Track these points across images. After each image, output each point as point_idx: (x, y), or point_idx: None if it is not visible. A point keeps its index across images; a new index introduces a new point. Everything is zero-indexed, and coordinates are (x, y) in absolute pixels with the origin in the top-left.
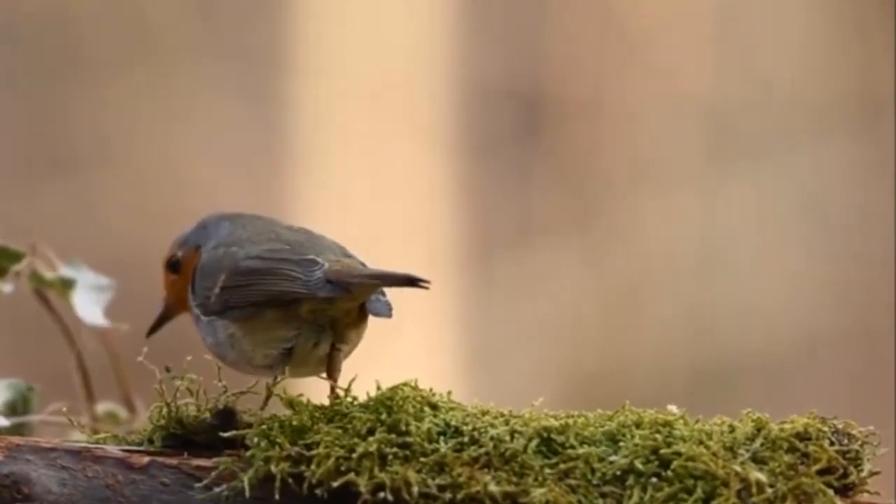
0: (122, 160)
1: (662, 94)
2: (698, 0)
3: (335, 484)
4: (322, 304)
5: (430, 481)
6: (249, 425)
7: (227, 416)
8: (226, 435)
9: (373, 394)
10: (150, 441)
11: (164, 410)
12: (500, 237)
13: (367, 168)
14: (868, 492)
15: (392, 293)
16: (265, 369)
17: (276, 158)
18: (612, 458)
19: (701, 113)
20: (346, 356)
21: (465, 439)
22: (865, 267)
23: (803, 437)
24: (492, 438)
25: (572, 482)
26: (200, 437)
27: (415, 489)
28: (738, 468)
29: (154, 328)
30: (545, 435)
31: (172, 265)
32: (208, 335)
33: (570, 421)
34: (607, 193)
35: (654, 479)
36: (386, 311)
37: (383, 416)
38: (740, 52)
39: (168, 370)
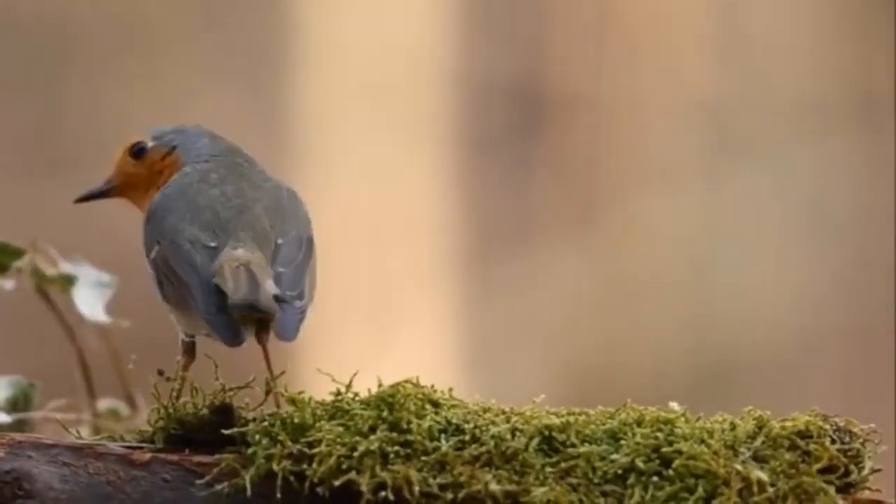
0: None
1: (664, 91)
2: None
3: (336, 483)
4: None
5: (431, 480)
6: (247, 422)
7: (224, 412)
8: (227, 432)
9: (374, 390)
10: (152, 442)
11: (163, 412)
12: (500, 234)
13: (366, 164)
14: (869, 489)
15: (391, 290)
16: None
17: (276, 154)
18: (614, 456)
19: (702, 110)
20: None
21: (467, 437)
22: (867, 265)
23: (804, 435)
24: (493, 437)
25: (573, 481)
26: (200, 435)
27: (416, 488)
28: (739, 467)
29: (87, 199)
30: (546, 433)
31: (136, 151)
32: (147, 272)
33: (572, 419)
34: (608, 191)
35: (655, 478)
36: (288, 334)
37: (385, 414)
38: (743, 50)
39: (161, 373)
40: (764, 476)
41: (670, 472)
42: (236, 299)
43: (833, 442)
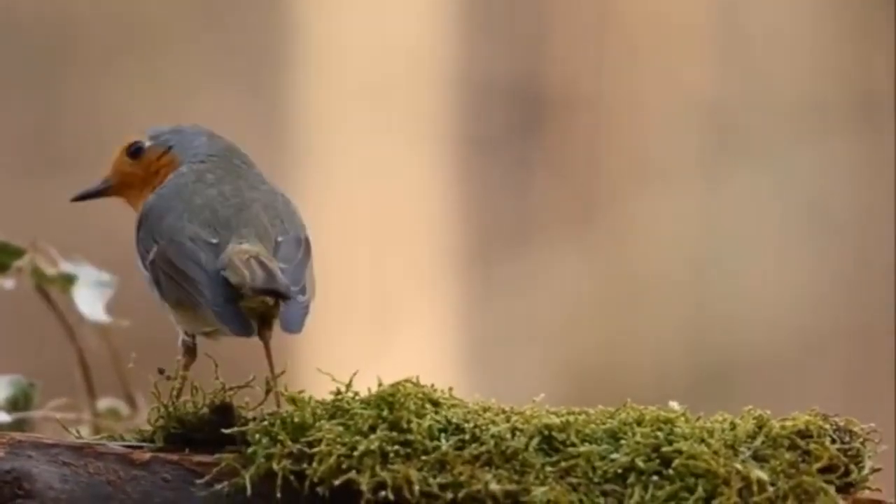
0: None
1: (664, 91)
2: None
3: (336, 482)
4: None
5: (431, 480)
6: (247, 421)
7: (224, 412)
8: (227, 431)
9: (374, 390)
10: (152, 442)
11: (163, 410)
12: (500, 234)
13: (366, 164)
14: (869, 488)
15: (391, 290)
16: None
17: (276, 154)
18: (614, 456)
19: (703, 111)
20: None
21: (467, 437)
22: (867, 265)
23: (805, 434)
24: (493, 436)
25: (573, 480)
26: (200, 434)
27: (416, 488)
28: (739, 466)
29: (84, 198)
30: (546, 433)
31: (133, 151)
32: (143, 275)
33: (572, 418)
34: (609, 191)
35: (655, 478)
36: (293, 326)
37: (385, 413)
38: (743, 50)
39: (161, 372)
40: (764, 475)
41: (670, 471)
42: (256, 284)
43: (833, 441)
